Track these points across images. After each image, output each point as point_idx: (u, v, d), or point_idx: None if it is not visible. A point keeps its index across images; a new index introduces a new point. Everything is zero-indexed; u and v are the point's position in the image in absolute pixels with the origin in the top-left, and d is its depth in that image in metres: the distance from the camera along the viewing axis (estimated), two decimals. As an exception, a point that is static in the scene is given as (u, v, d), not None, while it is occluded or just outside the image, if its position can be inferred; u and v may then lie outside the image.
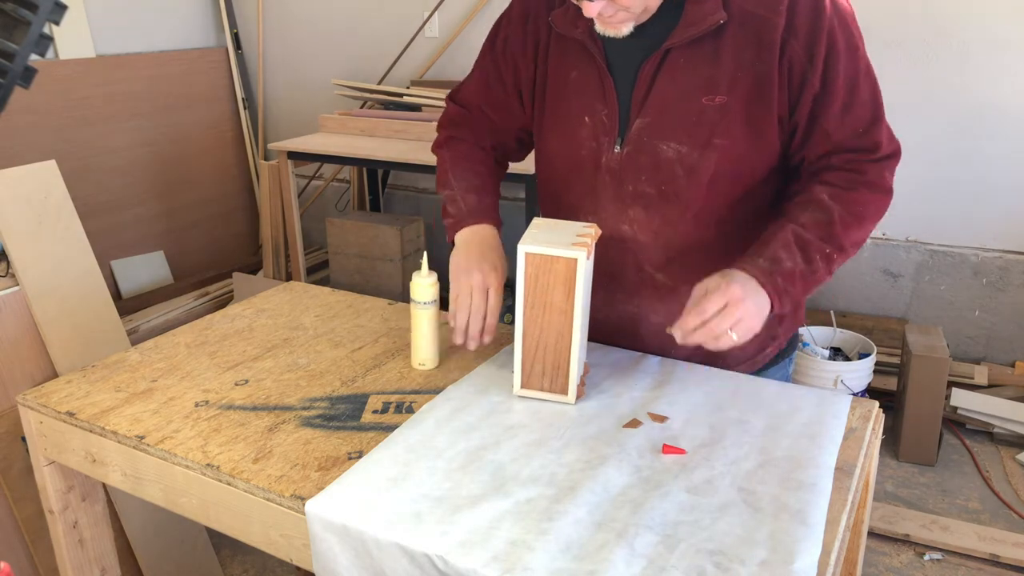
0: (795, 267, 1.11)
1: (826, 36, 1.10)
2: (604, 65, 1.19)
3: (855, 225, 1.14)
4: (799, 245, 1.12)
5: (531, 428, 1.11)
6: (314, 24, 3.95)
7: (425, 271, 1.28)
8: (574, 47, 1.21)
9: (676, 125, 1.16)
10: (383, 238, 3.39)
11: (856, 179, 1.15)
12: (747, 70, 1.12)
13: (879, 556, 2.25)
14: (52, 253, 1.77)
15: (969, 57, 2.80)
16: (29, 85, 1.58)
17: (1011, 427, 2.74)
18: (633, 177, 1.20)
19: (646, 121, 1.17)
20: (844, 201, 1.14)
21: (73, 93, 3.38)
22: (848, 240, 1.14)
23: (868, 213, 1.15)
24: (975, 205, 2.93)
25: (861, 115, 1.14)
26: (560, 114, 1.26)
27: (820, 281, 1.14)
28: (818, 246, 1.12)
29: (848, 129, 1.14)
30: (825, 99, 1.12)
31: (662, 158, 1.18)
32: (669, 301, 1.26)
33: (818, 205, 1.14)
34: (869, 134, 1.14)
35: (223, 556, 2.25)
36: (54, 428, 1.22)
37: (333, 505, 0.95)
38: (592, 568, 0.84)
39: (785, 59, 1.11)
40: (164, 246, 3.83)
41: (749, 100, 1.12)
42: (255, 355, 1.37)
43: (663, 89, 1.16)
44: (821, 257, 1.12)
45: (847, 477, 1.01)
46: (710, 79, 1.13)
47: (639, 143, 1.18)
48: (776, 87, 1.12)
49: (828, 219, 1.13)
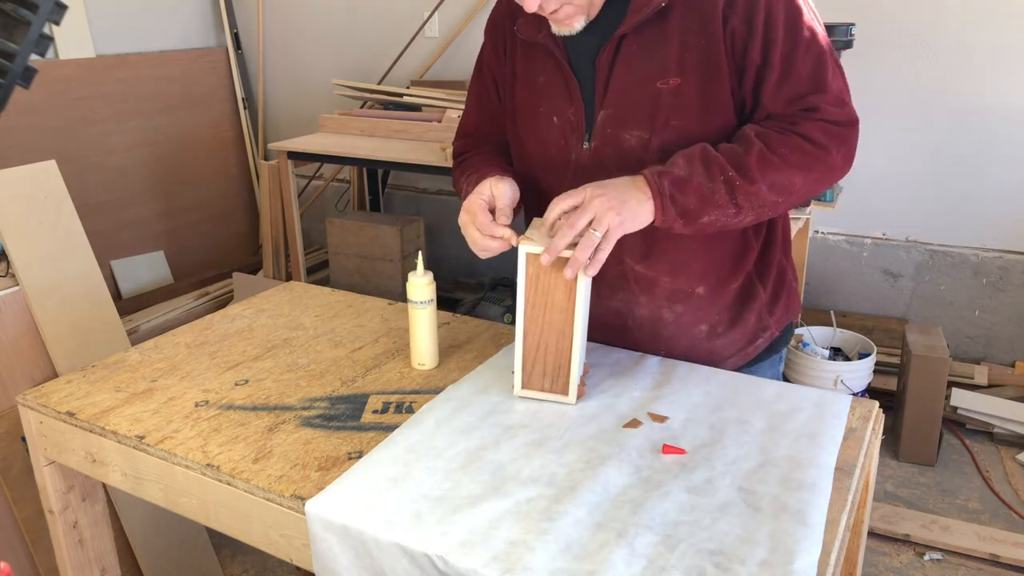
0: (690, 177, 1.07)
1: (764, 8, 1.10)
2: (568, 66, 1.21)
3: (775, 165, 1.09)
4: (703, 159, 1.09)
5: (531, 428, 1.11)
6: (314, 24, 3.95)
7: (421, 271, 1.27)
8: (539, 52, 1.24)
9: (635, 112, 1.17)
10: (383, 238, 3.39)
11: (789, 128, 1.11)
12: (694, 50, 1.13)
13: (879, 556, 2.25)
14: (52, 253, 1.77)
15: (969, 57, 2.80)
16: (29, 85, 1.58)
17: (1011, 427, 2.74)
18: (602, 171, 1.20)
19: (609, 112, 1.19)
20: (769, 140, 1.10)
21: (73, 93, 3.38)
22: (762, 176, 1.08)
23: (793, 159, 1.10)
24: (975, 205, 2.93)
25: (799, 87, 1.12)
26: (530, 116, 1.28)
27: (720, 206, 1.09)
28: (723, 166, 1.08)
29: (782, 100, 1.12)
30: (764, 72, 1.12)
31: (626, 147, 1.18)
32: (651, 292, 1.27)
33: (741, 137, 1.12)
34: (804, 100, 1.11)
35: (223, 556, 2.25)
36: (54, 428, 1.22)
37: (333, 505, 0.95)
38: (592, 568, 0.84)
39: (727, 34, 1.11)
40: (164, 246, 3.84)
41: (701, 79, 1.13)
42: (255, 355, 1.37)
43: (620, 78, 1.17)
44: (724, 180, 1.08)
45: (847, 477, 1.01)
46: (662, 63, 1.14)
47: (604, 136, 1.20)
48: (724, 62, 1.12)
49: (745, 150, 1.10)
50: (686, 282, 1.25)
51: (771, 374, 1.37)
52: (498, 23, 1.32)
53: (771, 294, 1.31)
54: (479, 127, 1.41)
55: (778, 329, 1.34)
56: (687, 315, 1.28)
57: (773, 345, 1.35)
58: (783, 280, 1.33)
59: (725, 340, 1.30)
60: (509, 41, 1.30)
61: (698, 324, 1.29)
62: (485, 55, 1.36)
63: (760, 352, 1.34)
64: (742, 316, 1.29)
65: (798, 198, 1.15)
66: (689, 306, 1.27)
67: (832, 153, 1.12)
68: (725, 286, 1.27)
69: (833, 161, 1.13)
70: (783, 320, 1.34)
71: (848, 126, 1.14)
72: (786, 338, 1.37)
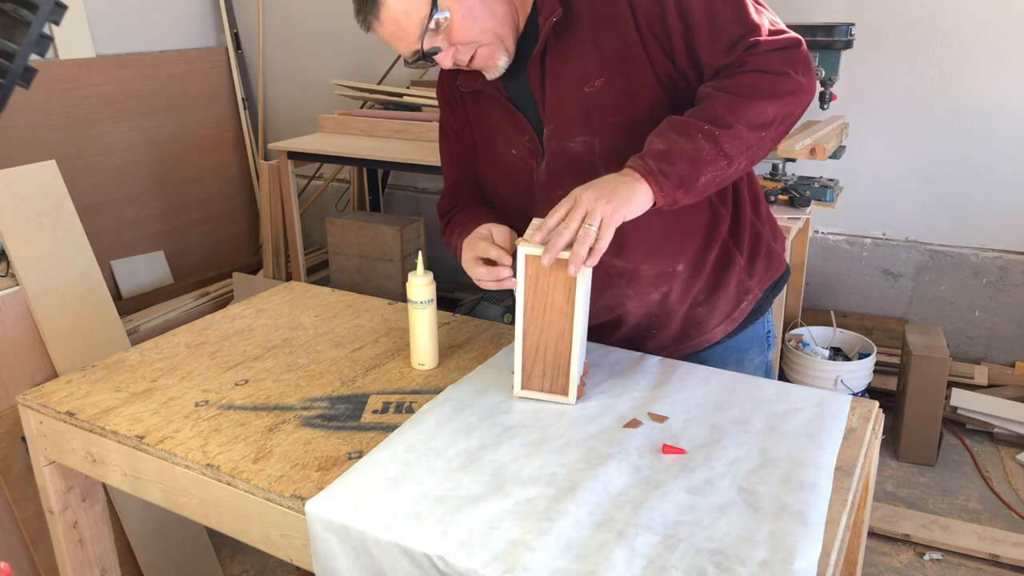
0: (671, 146, 1.08)
1: None
2: (508, 102, 1.27)
3: (744, 104, 1.09)
4: (674, 128, 1.09)
5: (531, 428, 1.11)
6: (314, 24, 3.95)
7: (421, 271, 1.28)
8: (483, 98, 1.31)
9: (574, 121, 1.21)
10: (383, 238, 3.39)
11: (740, 69, 1.12)
12: (608, 46, 1.16)
13: (879, 556, 2.25)
14: (52, 253, 1.77)
15: (969, 57, 2.80)
16: (29, 85, 1.58)
17: (1011, 427, 2.74)
18: (558, 182, 1.24)
19: (552, 128, 1.23)
20: (726, 87, 1.10)
21: (73, 93, 3.38)
22: (736, 118, 1.08)
23: (759, 92, 1.10)
24: (975, 205, 2.93)
25: (728, 33, 1.12)
26: (492, 155, 1.34)
27: (711, 160, 1.08)
28: (696, 124, 1.08)
29: (719, 51, 1.13)
30: (691, 35, 1.13)
31: (572, 155, 1.22)
32: (635, 282, 1.29)
33: (700, 96, 1.13)
34: (742, 42, 1.11)
35: (223, 556, 2.25)
36: (54, 428, 1.22)
37: (333, 505, 0.95)
38: (592, 568, 0.84)
39: (640, 19, 1.14)
40: (164, 246, 3.83)
41: (623, 72, 1.16)
42: (255, 355, 1.37)
43: (552, 92, 1.21)
44: (703, 135, 1.08)
45: (847, 477, 1.01)
46: (583, 68, 1.18)
47: (552, 150, 1.24)
48: (642, 48, 1.15)
49: (709, 104, 1.10)
50: (664, 263, 1.28)
51: (760, 333, 1.40)
52: (445, 85, 1.40)
53: (748, 257, 1.33)
54: (457, 180, 1.46)
55: (760, 290, 1.36)
56: (673, 293, 1.31)
57: (758, 307, 1.37)
58: (759, 241, 1.34)
59: (708, 307, 1.34)
60: (458, 97, 1.37)
61: (684, 299, 1.32)
62: (444, 118, 1.44)
63: (746, 316, 1.36)
64: (722, 281, 1.32)
65: (780, 128, 1.14)
66: (673, 284, 1.30)
67: (791, 75, 1.11)
68: (703, 258, 1.30)
69: (796, 82, 1.12)
70: (765, 280, 1.36)
71: (794, 47, 1.13)
72: (770, 299, 1.38)
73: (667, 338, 1.36)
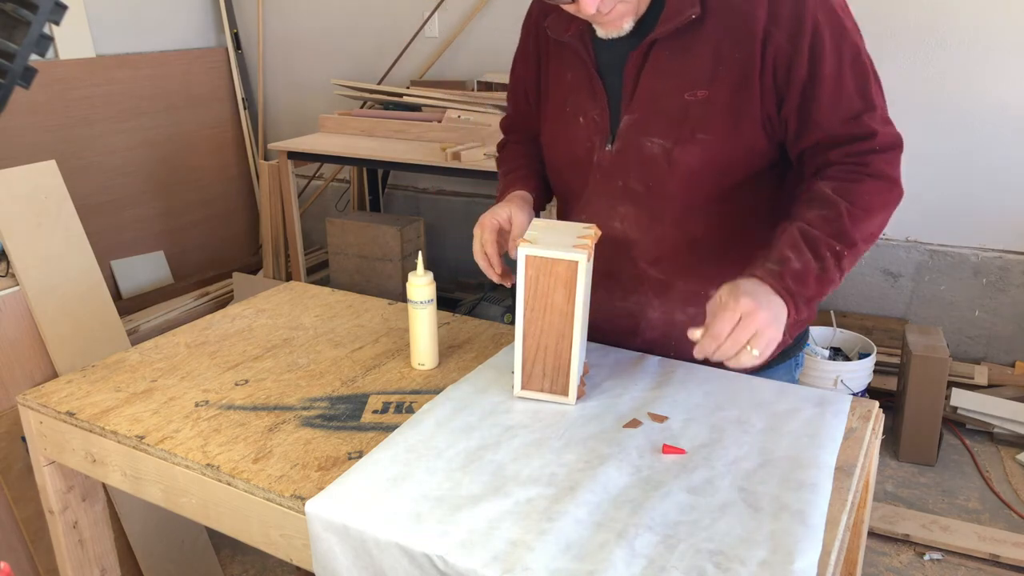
0: (805, 266, 1.07)
1: (811, 23, 1.08)
2: (593, 66, 1.21)
3: (864, 217, 1.10)
4: (807, 243, 1.08)
5: (531, 428, 1.11)
6: (314, 24, 3.95)
7: (421, 271, 1.28)
8: (567, 51, 1.24)
9: (660, 121, 1.16)
10: (383, 238, 3.39)
11: (858, 170, 1.11)
12: (728, 63, 1.11)
13: (879, 556, 2.25)
14: (52, 253, 1.77)
15: (969, 57, 2.80)
16: (29, 85, 1.58)
17: (1011, 427, 2.74)
18: (622, 174, 1.21)
19: (633, 118, 1.18)
20: (849, 194, 1.10)
21: (73, 93, 3.38)
22: (858, 234, 1.09)
23: (875, 204, 1.11)
24: (975, 205, 2.93)
25: (850, 103, 1.11)
26: (558, 115, 1.28)
27: (833, 280, 1.09)
28: (827, 243, 1.08)
29: (837, 117, 1.11)
30: (813, 89, 1.10)
31: (647, 154, 1.18)
32: (665, 296, 1.26)
33: (823, 200, 1.11)
34: (860, 121, 1.11)
35: (223, 556, 2.25)
36: (54, 428, 1.22)
37: (333, 505, 0.95)
38: (592, 568, 0.84)
39: (769, 51, 1.09)
40: (164, 246, 3.84)
41: (731, 94, 1.11)
42: (255, 355, 1.37)
43: (648, 85, 1.16)
44: (832, 254, 1.08)
45: (847, 477, 1.01)
46: (692, 74, 1.13)
47: (627, 140, 1.19)
48: (759, 80, 1.10)
49: (835, 214, 1.09)
50: (698, 285, 1.24)
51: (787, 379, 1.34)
52: (532, 24, 1.33)
53: None
54: (514, 116, 1.46)
55: (792, 335, 1.31)
56: (700, 317, 1.23)
57: (787, 351, 1.33)
58: None
59: None
60: (543, 40, 1.30)
61: None
62: (518, 53, 1.37)
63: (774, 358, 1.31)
64: None
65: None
66: (702, 309, 1.23)
67: (898, 182, 1.13)
68: None
69: (901, 191, 1.14)
70: (796, 329, 1.31)
71: (899, 148, 1.14)
72: (800, 344, 1.36)
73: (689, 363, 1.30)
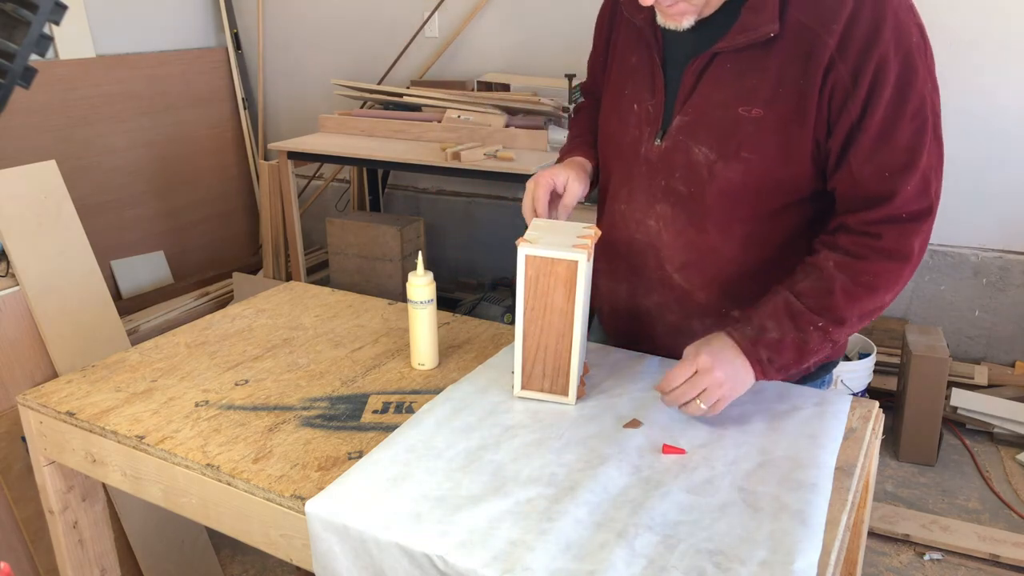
0: (783, 337, 1.08)
1: (875, 62, 1.02)
2: (658, 56, 1.19)
3: (863, 296, 1.08)
4: (789, 315, 1.08)
5: (531, 428, 1.11)
6: (314, 24, 3.95)
7: (421, 271, 1.28)
8: (637, 35, 1.22)
9: (709, 130, 1.14)
10: (383, 238, 3.39)
11: (870, 244, 1.07)
12: (789, 86, 1.07)
13: (879, 556, 2.25)
14: (52, 253, 1.77)
15: (969, 57, 2.80)
16: (29, 85, 1.58)
17: (1011, 427, 2.74)
18: (666, 172, 1.19)
19: (685, 120, 1.16)
20: (851, 270, 1.07)
21: (73, 93, 3.38)
22: (851, 312, 1.08)
23: (880, 283, 1.07)
24: (975, 205, 2.93)
25: (893, 158, 1.05)
26: (615, 96, 1.27)
27: (818, 350, 1.10)
28: (810, 318, 1.07)
29: (873, 168, 1.06)
30: (859, 130, 1.05)
31: (693, 159, 1.16)
32: (685, 303, 1.25)
33: (820, 273, 1.09)
34: (894, 180, 1.05)
35: (223, 556, 2.25)
36: (54, 428, 1.22)
37: (333, 505, 0.95)
38: (592, 568, 0.84)
39: (829, 80, 1.05)
40: (164, 246, 3.84)
41: (786, 117, 1.08)
42: (255, 355, 1.37)
43: (705, 92, 1.14)
44: (816, 331, 1.08)
45: (847, 477, 1.01)
46: (751, 90, 1.09)
47: (676, 140, 1.17)
48: (815, 107, 1.06)
49: (827, 288, 1.07)
50: (720, 301, 1.22)
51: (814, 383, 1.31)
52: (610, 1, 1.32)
53: None
54: (590, 83, 1.44)
55: (816, 365, 1.24)
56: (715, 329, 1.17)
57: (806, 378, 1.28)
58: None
59: None
60: (617, 21, 1.29)
61: None
62: (598, 26, 1.35)
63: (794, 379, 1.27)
64: None
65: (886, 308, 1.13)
66: (719, 322, 1.20)
67: (913, 256, 1.08)
68: None
69: (915, 262, 1.09)
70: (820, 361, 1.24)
71: (926, 218, 1.07)
72: (820, 375, 1.29)
73: None
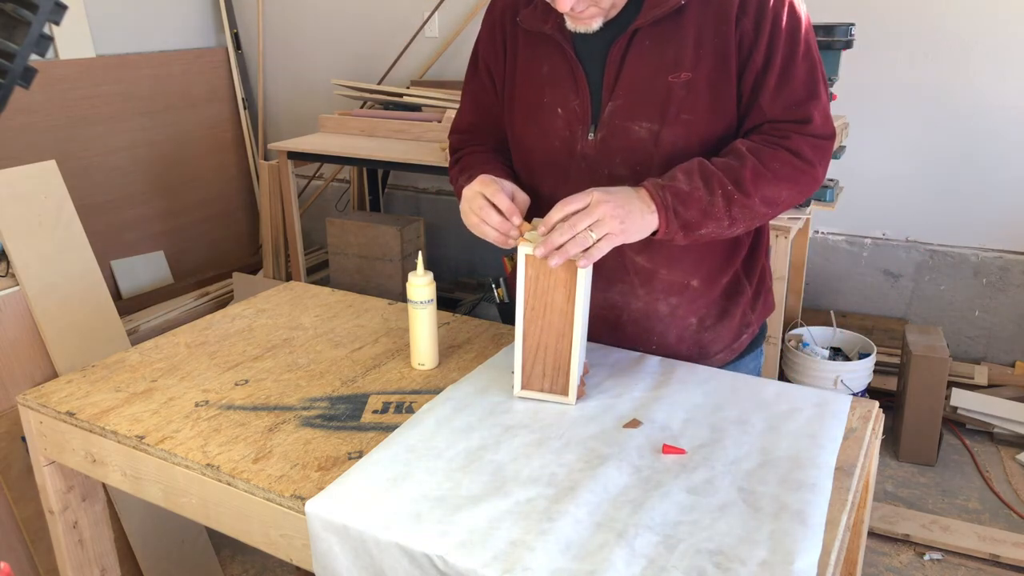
0: (692, 190, 1.11)
1: (771, 14, 1.14)
2: (574, 57, 1.22)
3: (767, 180, 1.14)
4: (702, 174, 1.13)
5: (531, 428, 1.11)
6: (314, 24, 3.95)
7: (421, 271, 1.27)
8: (544, 43, 1.25)
9: (646, 104, 1.19)
10: (383, 238, 3.39)
11: (778, 141, 1.16)
12: (708, 47, 1.15)
13: (879, 556, 2.25)
14: (52, 253, 1.77)
15: (969, 57, 2.80)
16: (29, 85, 1.58)
17: (1011, 427, 2.74)
18: (607, 161, 1.22)
19: (617, 104, 1.20)
20: (760, 154, 1.15)
21: (73, 93, 3.38)
22: (755, 189, 1.13)
23: (784, 174, 1.15)
24: (975, 205, 2.93)
25: (795, 93, 1.16)
26: (532, 107, 1.28)
27: (718, 217, 1.13)
28: (721, 180, 1.12)
29: (780, 105, 1.17)
30: (764, 76, 1.16)
31: (634, 138, 1.20)
32: (649, 286, 1.28)
33: (734, 152, 1.16)
34: (802, 109, 1.17)
35: (223, 556, 2.25)
36: (54, 428, 1.22)
37: (333, 505, 0.95)
38: (592, 568, 0.84)
39: (737, 34, 1.15)
40: (164, 246, 3.84)
41: (712, 75, 1.16)
42: (255, 355, 1.37)
43: (631, 70, 1.19)
44: (723, 193, 1.12)
45: (847, 477, 1.01)
46: (674, 57, 1.16)
47: (612, 127, 1.21)
48: (734, 61, 1.16)
49: (740, 164, 1.14)
50: (682, 274, 1.28)
51: (753, 367, 1.43)
52: (497, 18, 1.32)
53: (754, 291, 1.36)
54: (475, 122, 1.41)
55: (758, 325, 1.40)
56: (681, 307, 1.31)
57: (754, 340, 1.40)
58: (764, 280, 1.39)
59: (713, 334, 1.34)
60: (510, 34, 1.30)
61: (689, 317, 1.32)
62: (481, 49, 1.36)
63: (744, 348, 1.38)
64: (729, 311, 1.33)
65: (781, 210, 1.20)
66: (683, 298, 1.30)
67: (816, 167, 1.18)
68: (716, 280, 1.30)
69: (816, 175, 1.19)
70: (761, 317, 1.41)
71: (831, 139, 1.20)
72: (763, 335, 1.44)
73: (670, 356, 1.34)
